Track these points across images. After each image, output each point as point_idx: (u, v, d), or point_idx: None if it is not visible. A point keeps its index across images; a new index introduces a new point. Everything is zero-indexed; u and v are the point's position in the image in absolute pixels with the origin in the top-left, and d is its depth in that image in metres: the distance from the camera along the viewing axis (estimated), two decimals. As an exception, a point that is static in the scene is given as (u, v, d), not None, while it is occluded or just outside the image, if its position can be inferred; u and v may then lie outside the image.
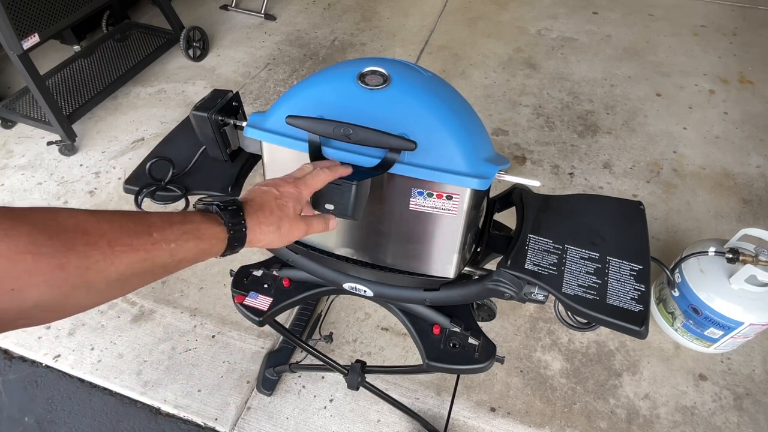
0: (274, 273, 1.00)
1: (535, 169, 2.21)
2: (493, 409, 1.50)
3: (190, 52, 2.75)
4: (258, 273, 1.01)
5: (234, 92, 0.84)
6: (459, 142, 0.66)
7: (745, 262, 1.35)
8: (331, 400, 1.52)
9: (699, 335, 1.54)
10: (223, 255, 0.57)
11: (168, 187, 0.84)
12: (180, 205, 0.85)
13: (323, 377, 1.56)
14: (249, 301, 0.98)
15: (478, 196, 0.73)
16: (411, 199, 0.71)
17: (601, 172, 2.18)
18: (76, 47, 2.68)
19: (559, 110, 2.48)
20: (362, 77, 0.68)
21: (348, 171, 0.65)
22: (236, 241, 0.56)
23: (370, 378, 1.24)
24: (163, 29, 2.76)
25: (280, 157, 0.75)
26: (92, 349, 1.64)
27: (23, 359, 1.62)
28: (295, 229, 0.61)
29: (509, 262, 0.76)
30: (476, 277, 0.86)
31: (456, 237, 0.74)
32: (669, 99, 2.54)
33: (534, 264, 0.75)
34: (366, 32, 3.02)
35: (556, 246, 0.78)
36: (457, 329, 0.92)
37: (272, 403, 1.51)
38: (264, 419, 1.48)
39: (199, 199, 0.60)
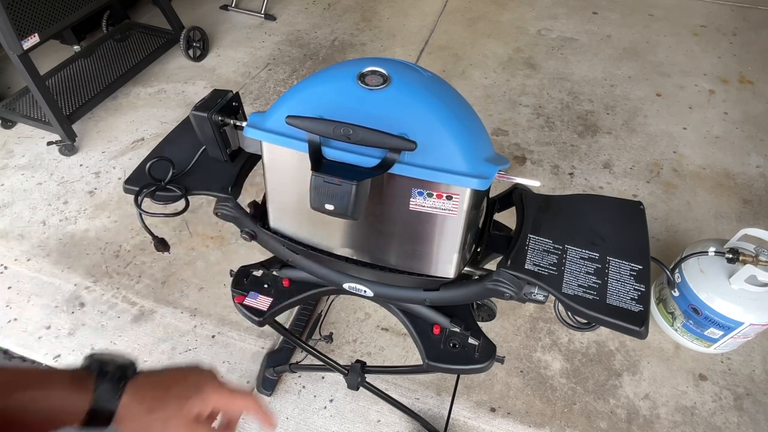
0: (274, 273, 1.00)
1: (535, 169, 2.21)
2: (493, 409, 1.50)
3: (190, 52, 2.75)
4: (258, 273, 1.01)
5: (234, 92, 0.84)
6: (459, 142, 0.66)
7: (745, 262, 1.35)
8: (331, 400, 1.52)
9: (699, 335, 1.54)
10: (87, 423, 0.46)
11: (168, 187, 0.84)
12: (180, 205, 0.85)
13: (323, 377, 1.56)
14: (249, 301, 0.97)
15: (478, 196, 0.73)
16: (411, 199, 0.71)
17: (601, 172, 2.18)
18: (76, 47, 2.68)
19: (559, 110, 2.48)
20: (362, 77, 0.68)
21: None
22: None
23: (370, 378, 1.24)
24: (163, 29, 2.76)
25: (280, 157, 0.75)
26: (92, 349, 1.64)
27: (23, 359, 1.62)
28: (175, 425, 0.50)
29: (509, 262, 0.76)
30: (476, 277, 0.86)
31: (456, 237, 0.74)
32: (669, 99, 2.54)
33: (534, 264, 0.75)
34: (366, 32, 3.02)
35: (556, 246, 0.78)
36: (457, 329, 0.92)
37: (272, 403, 1.51)
38: (264, 419, 1.48)
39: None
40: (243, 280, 1.00)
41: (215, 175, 0.88)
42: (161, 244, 0.91)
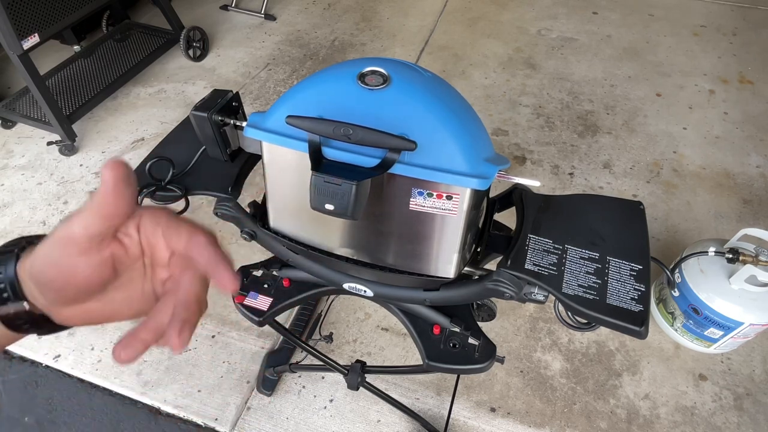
0: (274, 273, 1.00)
1: (535, 169, 2.21)
2: (493, 409, 1.50)
3: (190, 52, 2.75)
4: (258, 273, 1.01)
5: (234, 92, 0.84)
6: (459, 142, 0.66)
7: (745, 262, 1.35)
8: (331, 400, 1.52)
9: (699, 335, 1.54)
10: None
11: (168, 187, 0.84)
12: (180, 205, 0.85)
13: (323, 377, 1.56)
14: (249, 301, 0.97)
15: (478, 196, 0.72)
16: (411, 199, 0.71)
17: (601, 172, 2.18)
18: (76, 47, 2.68)
19: (559, 110, 2.48)
20: (362, 77, 0.68)
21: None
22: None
23: (370, 378, 1.24)
24: (163, 29, 2.76)
25: (280, 157, 0.75)
26: (92, 349, 1.64)
27: (23, 359, 1.62)
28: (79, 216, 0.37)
29: (509, 262, 0.76)
30: (476, 277, 0.86)
31: (456, 237, 0.74)
32: (669, 99, 2.54)
33: (534, 264, 0.75)
34: (366, 32, 3.02)
35: (556, 246, 0.78)
36: (457, 329, 0.92)
37: (272, 403, 1.51)
38: (264, 419, 1.48)
39: None
40: (243, 280, 1.00)
41: (215, 175, 0.88)
42: (161, 244, 0.91)
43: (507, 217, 0.91)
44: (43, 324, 0.41)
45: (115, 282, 0.40)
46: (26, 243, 0.40)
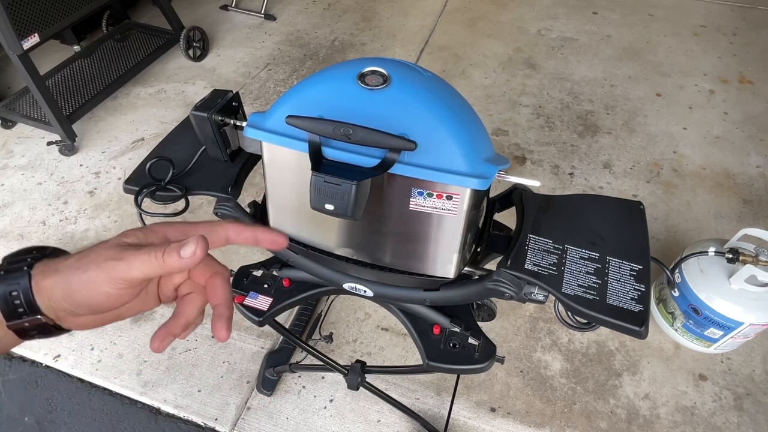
0: (274, 273, 1.00)
1: (535, 169, 2.21)
2: (493, 409, 1.50)
3: (190, 52, 2.75)
4: (258, 273, 1.01)
5: (234, 92, 0.84)
6: (459, 142, 0.66)
7: (745, 262, 1.35)
8: (331, 400, 1.52)
9: (699, 335, 1.54)
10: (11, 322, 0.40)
11: (168, 187, 0.84)
12: (180, 205, 0.85)
13: (323, 377, 1.56)
14: (249, 301, 0.97)
15: (478, 196, 0.72)
16: (411, 199, 0.71)
17: (601, 172, 2.18)
18: (76, 47, 2.68)
19: (559, 110, 2.48)
20: (362, 77, 0.68)
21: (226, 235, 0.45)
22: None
23: (370, 378, 1.24)
24: (163, 29, 2.76)
25: (280, 157, 0.75)
26: (92, 349, 1.64)
27: (23, 359, 1.62)
28: (108, 261, 0.40)
29: (509, 262, 0.76)
30: (476, 277, 0.86)
31: (456, 237, 0.74)
32: (669, 99, 2.54)
33: (534, 264, 0.75)
34: (366, 32, 3.02)
35: (556, 246, 0.78)
36: (457, 329, 0.92)
37: (272, 403, 1.51)
38: (264, 419, 1.48)
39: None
40: (243, 280, 1.00)
41: (215, 175, 0.88)
42: (161, 244, 0.91)
43: (507, 217, 0.91)
44: (52, 331, 0.43)
45: None
46: (35, 256, 0.44)
